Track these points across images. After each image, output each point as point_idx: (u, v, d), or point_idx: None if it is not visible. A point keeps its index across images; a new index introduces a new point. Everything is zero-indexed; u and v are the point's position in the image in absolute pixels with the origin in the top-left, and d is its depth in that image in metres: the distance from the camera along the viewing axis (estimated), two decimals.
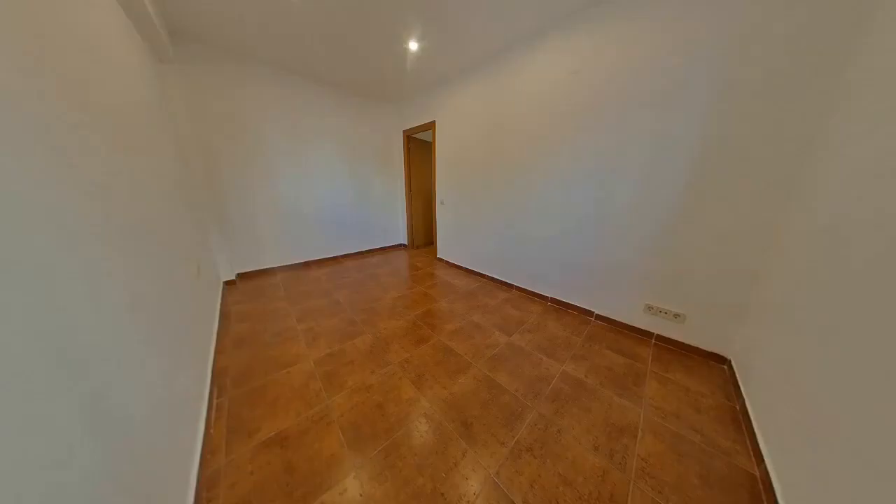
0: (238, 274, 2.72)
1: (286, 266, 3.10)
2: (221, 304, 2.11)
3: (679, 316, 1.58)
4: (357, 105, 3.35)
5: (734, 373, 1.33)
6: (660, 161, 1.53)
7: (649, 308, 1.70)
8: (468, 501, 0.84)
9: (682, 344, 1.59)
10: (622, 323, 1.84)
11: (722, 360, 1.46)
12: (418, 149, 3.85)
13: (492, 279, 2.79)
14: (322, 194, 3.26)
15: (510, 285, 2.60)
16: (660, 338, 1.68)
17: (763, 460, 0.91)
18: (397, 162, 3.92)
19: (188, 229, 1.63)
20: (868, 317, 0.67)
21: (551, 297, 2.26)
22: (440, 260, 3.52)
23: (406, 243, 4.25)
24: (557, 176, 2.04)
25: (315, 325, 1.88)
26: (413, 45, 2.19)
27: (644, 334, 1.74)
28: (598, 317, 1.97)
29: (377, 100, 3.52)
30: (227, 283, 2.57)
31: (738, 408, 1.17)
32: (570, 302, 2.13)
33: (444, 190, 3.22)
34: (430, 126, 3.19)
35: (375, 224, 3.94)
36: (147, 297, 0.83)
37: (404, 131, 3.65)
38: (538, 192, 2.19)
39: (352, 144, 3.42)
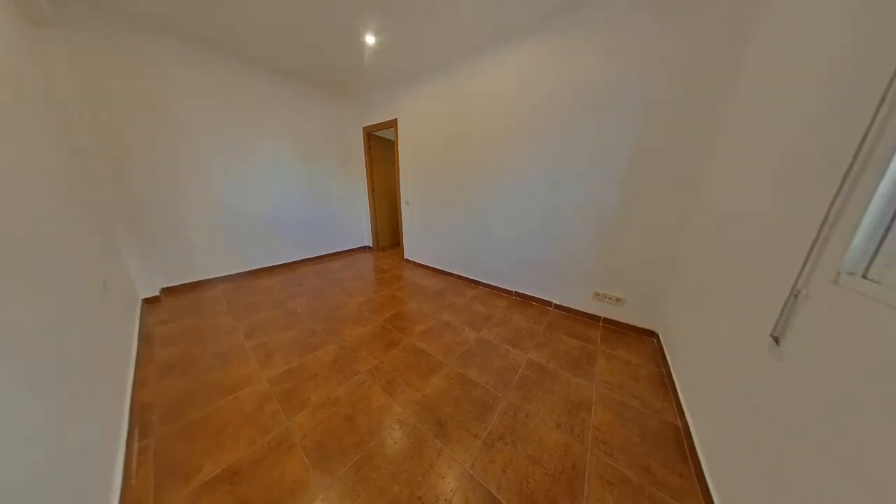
0: (163, 289, 2.30)
1: (229, 276, 2.72)
2: (141, 326, 1.75)
3: (620, 300, 1.83)
4: (311, 97, 3.10)
5: (661, 344, 1.60)
6: (600, 166, 1.75)
7: (597, 295, 1.93)
8: (446, 500, 0.85)
9: (623, 324, 1.84)
10: (576, 310, 2.06)
11: (652, 334, 1.73)
12: (380, 147, 3.72)
13: (460, 278, 2.85)
14: (273, 194, 2.94)
15: (477, 283, 2.69)
16: (606, 320, 1.91)
17: (684, 414, 1.11)
18: (358, 160, 3.74)
19: (87, 236, 1.31)
20: (741, 288, 0.86)
21: (515, 292, 2.40)
22: (408, 261, 3.47)
23: (371, 245, 4.08)
24: (517, 178, 2.17)
25: (268, 339, 1.69)
26: (370, 39, 2.11)
27: (594, 318, 1.97)
28: (556, 306, 2.16)
29: (335, 93, 3.30)
30: (149, 301, 2.14)
31: (664, 372, 1.40)
32: (532, 295, 2.30)
33: (410, 190, 3.18)
34: (393, 124, 3.12)
35: (336, 226, 3.70)
36: (24, 326, 0.65)
37: (364, 128, 3.49)
38: (501, 193, 2.31)
39: (307, 140, 3.15)
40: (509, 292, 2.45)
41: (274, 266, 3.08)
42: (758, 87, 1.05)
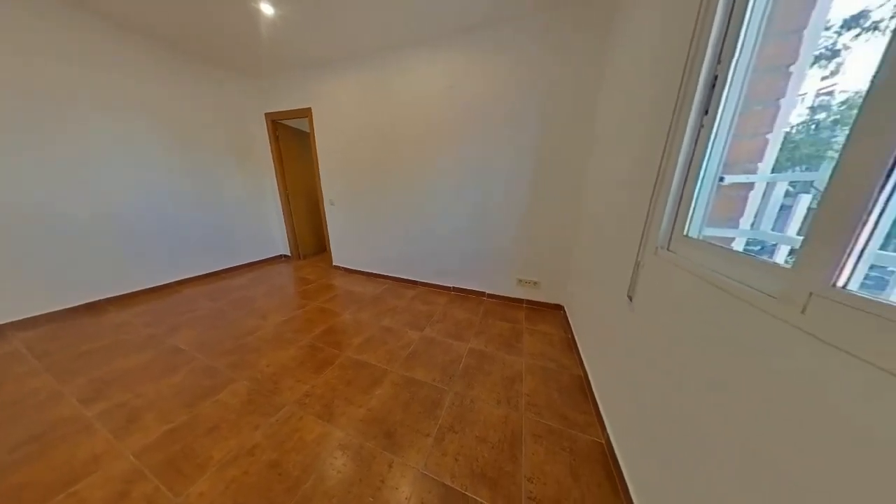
0: None
1: (44, 315, 1.81)
2: None
3: (536, 283, 2.18)
4: (190, 69, 2.38)
5: (566, 314, 2.00)
6: (516, 167, 2.03)
7: (519, 281, 2.24)
8: None
9: (540, 302, 2.20)
10: (505, 297, 2.33)
11: (560, 307, 2.14)
12: (292, 139, 3.21)
13: (398, 280, 2.78)
14: (126, 193, 2.12)
15: (416, 282, 2.69)
16: (528, 301, 2.25)
17: (584, 365, 1.42)
18: (263, 153, 3.11)
19: None
20: (609, 264, 1.17)
21: (454, 287, 2.53)
22: (337, 268, 3.14)
23: (289, 254, 3.49)
24: (450, 178, 2.28)
25: (130, 397, 1.22)
26: (267, 8, 1.78)
27: (519, 301, 2.28)
28: (490, 295, 2.39)
29: (226, 69, 2.63)
30: None
31: (570, 336, 1.76)
32: (469, 288, 2.47)
33: (334, 189, 2.88)
34: (306, 113, 2.73)
35: (238, 233, 2.99)
36: None
37: (267, 114, 2.93)
38: (436, 192, 2.37)
39: (180, 121, 2.40)
40: (448, 288, 2.55)
41: (134, 293, 2.23)
42: (608, 118, 1.44)
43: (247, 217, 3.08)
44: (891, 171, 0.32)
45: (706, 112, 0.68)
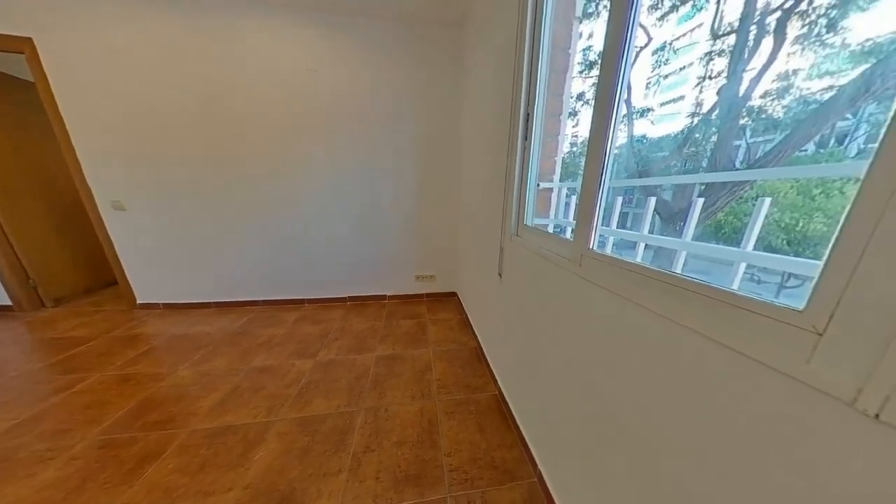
0: None
1: None
2: None
3: (433, 277, 2.37)
4: None
5: (460, 299, 2.31)
6: (401, 168, 2.07)
7: (417, 277, 2.35)
8: None
9: (438, 293, 2.41)
10: (406, 295, 2.37)
11: (454, 294, 2.44)
12: None
13: (270, 303, 2.19)
14: None
15: (300, 301, 2.23)
16: (427, 294, 2.40)
17: (477, 337, 1.71)
18: None
19: None
20: (484, 251, 1.47)
21: (349, 297, 2.29)
22: (148, 307, 2.06)
23: (10, 303, 1.92)
24: (329, 176, 2.00)
25: None
26: None
27: (420, 296, 2.39)
28: (391, 297, 2.36)
29: None
30: None
31: (465, 317, 2.05)
32: (367, 294, 2.31)
33: (122, 184, 1.83)
34: (20, 46, 1.54)
35: None
36: None
37: None
38: (312, 192, 2.02)
39: None
40: (343, 299, 2.28)
41: None
42: (470, 129, 1.76)
43: None
44: (601, 183, 0.59)
45: (526, 138, 0.97)
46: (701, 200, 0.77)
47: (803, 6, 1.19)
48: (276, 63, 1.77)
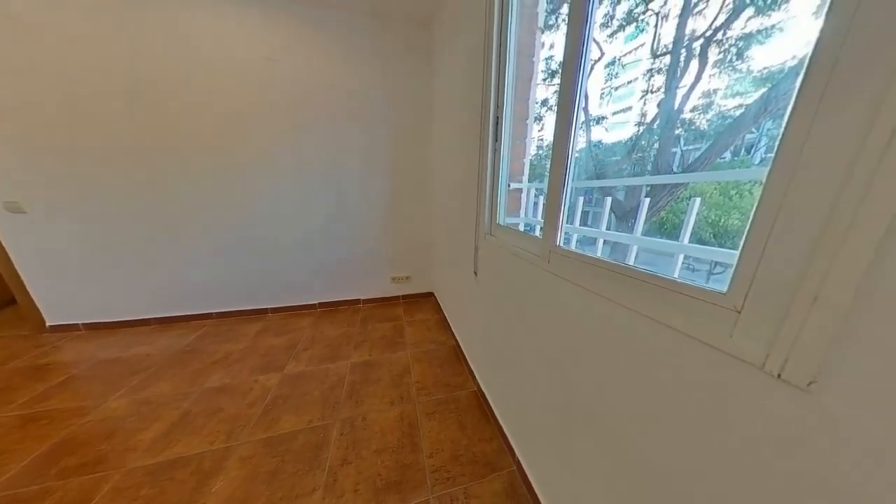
0: None
1: None
2: None
3: (409, 278, 2.33)
4: None
5: (437, 299, 2.31)
6: (371, 167, 2.00)
7: (393, 278, 2.29)
8: None
9: (414, 294, 2.38)
10: (382, 297, 2.30)
11: (431, 294, 2.44)
12: None
13: (227, 315, 1.97)
14: None
15: (262, 311, 2.04)
16: (404, 296, 2.36)
17: (455, 336, 1.72)
18: None
19: None
20: (459, 250, 1.49)
21: (319, 303, 2.16)
22: (65, 328, 1.73)
23: None
24: (293, 175, 1.86)
25: None
26: None
27: (396, 298, 2.34)
28: (365, 300, 2.27)
29: None
30: None
31: (443, 317, 2.06)
32: (339, 299, 2.20)
33: (20, 181, 1.50)
34: None
35: None
36: None
37: None
38: (274, 192, 1.85)
39: None
40: (312, 306, 2.14)
41: None
42: (442, 130, 1.77)
43: None
44: (565, 184, 0.63)
45: (497, 140, 1.01)
46: (648, 200, 0.88)
47: (719, 35, 1.41)
48: (227, 50, 1.59)
